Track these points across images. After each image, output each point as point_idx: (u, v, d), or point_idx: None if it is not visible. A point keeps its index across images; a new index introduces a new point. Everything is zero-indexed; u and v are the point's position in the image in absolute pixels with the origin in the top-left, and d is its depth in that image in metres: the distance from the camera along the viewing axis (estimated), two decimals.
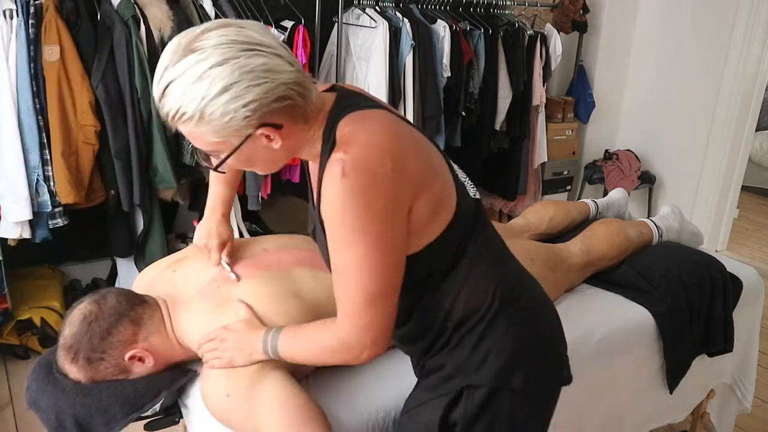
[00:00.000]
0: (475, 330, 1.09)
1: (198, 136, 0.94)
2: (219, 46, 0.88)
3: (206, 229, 1.40)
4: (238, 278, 1.33)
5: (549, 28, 3.56)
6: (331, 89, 1.08)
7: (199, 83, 0.88)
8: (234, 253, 1.41)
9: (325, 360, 1.12)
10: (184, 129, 0.93)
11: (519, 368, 1.10)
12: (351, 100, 1.05)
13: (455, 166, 1.14)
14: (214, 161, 0.98)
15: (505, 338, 1.09)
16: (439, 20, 3.11)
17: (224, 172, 1.07)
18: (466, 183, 1.13)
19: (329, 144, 0.99)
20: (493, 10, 3.44)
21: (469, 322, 1.09)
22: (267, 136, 0.95)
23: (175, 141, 2.54)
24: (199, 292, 1.34)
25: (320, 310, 1.28)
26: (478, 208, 1.13)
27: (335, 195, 0.93)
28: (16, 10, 2.22)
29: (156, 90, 0.91)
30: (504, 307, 1.10)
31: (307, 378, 1.34)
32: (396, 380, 1.34)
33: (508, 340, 1.10)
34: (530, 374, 1.11)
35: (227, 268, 1.35)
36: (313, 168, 1.07)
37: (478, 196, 1.15)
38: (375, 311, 0.99)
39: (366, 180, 0.93)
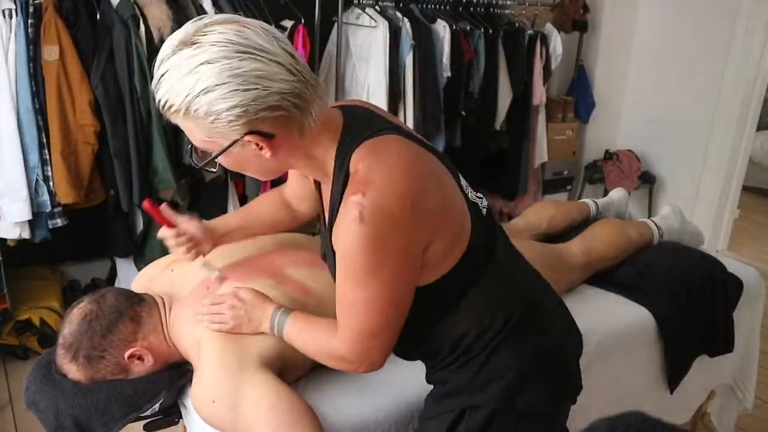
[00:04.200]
0: (481, 354, 1.08)
1: (188, 129, 0.94)
2: (216, 43, 0.87)
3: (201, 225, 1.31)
4: (221, 281, 1.31)
5: (549, 28, 3.55)
6: (339, 107, 1.05)
7: (187, 78, 0.87)
8: (225, 252, 1.39)
9: (321, 360, 1.12)
10: (173, 121, 0.93)
11: (523, 389, 1.09)
12: (361, 122, 1.02)
13: (460, 176, 1.09)
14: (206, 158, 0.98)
15: (510, 361, 1.08)
16: (439, 20, 3.10)
17: (213, 171, 1.07)
18: (469, 193, 1.09)
19: (342, 175, 0.97)
20: (493, 10, 3.43)
21: (476, 347, 1.08)
22: (257, 144, 0.93)
23: (175, 141, 2.53)
24: (191, 292, 1.34)
25: (317, 309, 1.26)
26: (489, 223, 1.10)
27: (352, 239, 0.92)
28: (16, 10, 2.21)
29: (154, 77, 0.91)
30: (513, 331, 1.08)
31: (306, 378, 1.34)
32: (395, 385, 1.33)
33: (514, 363, 1.09)
34: (535, 394, 1.10)
35: (209, 269, 1.33)
36: (325, 190, 1.06)
37: (485, 204, 1.12)
38: (377, 340, 1.01)
39: (384, 226, 0.91)
